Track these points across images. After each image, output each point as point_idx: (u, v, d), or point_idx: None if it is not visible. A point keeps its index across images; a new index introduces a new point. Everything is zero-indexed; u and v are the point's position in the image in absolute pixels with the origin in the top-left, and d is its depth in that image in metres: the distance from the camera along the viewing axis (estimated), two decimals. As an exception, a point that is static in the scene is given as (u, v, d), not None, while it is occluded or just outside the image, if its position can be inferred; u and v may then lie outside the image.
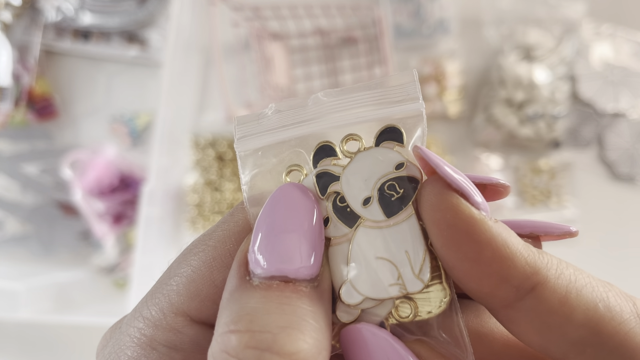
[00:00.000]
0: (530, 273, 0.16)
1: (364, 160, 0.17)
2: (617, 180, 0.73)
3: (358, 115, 0.17)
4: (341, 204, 0.17)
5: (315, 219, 0.17)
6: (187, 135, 0.76)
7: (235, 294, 0.16)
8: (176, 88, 0.71)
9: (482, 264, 0.16)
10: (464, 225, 0.16)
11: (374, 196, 0.17)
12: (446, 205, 0.16)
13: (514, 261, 0.16)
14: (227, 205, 0.74)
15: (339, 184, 0.17)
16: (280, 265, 0.16)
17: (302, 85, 0.75)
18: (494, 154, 0.73)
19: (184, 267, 0.18)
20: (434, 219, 0.16)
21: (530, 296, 0.16)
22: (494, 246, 0.16)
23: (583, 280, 0.16)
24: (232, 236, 0.18)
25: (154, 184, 0.68)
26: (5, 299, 0.71)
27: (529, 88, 0.69)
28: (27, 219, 0.75)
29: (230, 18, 0.69)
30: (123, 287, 0.74)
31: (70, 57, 0.80)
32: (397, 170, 0.17)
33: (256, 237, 0.16)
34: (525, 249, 0.16)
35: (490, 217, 0.16)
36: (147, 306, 0.18)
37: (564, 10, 0.72)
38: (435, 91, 0.73)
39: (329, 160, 0.18)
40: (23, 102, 0.75)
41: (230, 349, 0.14)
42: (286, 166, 0.18)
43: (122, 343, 0.18)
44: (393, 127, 0.17)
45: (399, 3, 0.74)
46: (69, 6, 0.75)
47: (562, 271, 0.16)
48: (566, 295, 0.15)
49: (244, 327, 0.15)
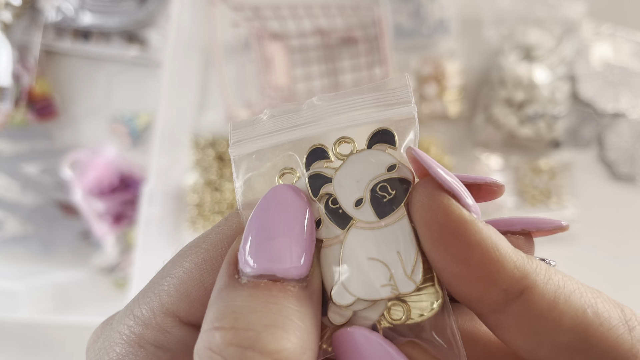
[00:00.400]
0: (519, 277, 0.16)
1: (356, 162, 0.17)
2: (617, 180, 0.73)
3: (351, 118, 0.18)
4: (333, 205, 0.17)
5: (307, 220, 0.17)
6: (187, 135, 0.76)
7: (222, 292, 0.16)
8: (176, 88, 0.71)
9: (471, 266, 0.16)
10: (454, 226, 0.16)
11: (365, 197, 0.17)
12: (437, 206, 0.16)
13: (503, 264, 0.16)
14: (227, 205, 0.74)
15: (331, 185, 0.17)
16: (270, 264, 0.16)
17: (302, 85, 0.75)
18: (494, 154, 0.73)
19: (177, 268, 0.19)
20: (425, 219, 0.16)
21: (519, 301, 0.16)
22: (484, 248, 0.16)
23: (572, 286, 0.16)
24: (225, 240, 0.19)
25: (154, 184, 0.68)
26: (5, 299, 0.71)
27: (529, 88, 0.69)
28: (27, 219, 0.75)
29: (230, 18, 0.69)
30: (123, 287, 0.74)
31: (70, 57, 0.80)
32: (389, 172, 0.17)
33: (247, 236, 0.17)
34: (514, 253, 0.16)
35: (481, 220, 0.16)
36: (138, 305, 0.19)
37: (564, 10, 0.72)
38: (435, 91, 0.73)
39: (321, 163, 0.18)
40: (23, 102, 0.75)
41: (213, 346, 0.14)
42: (279, 169, 0.18)
43: (112, 339, 0.18)
44: (385, 130, 0.17)
45: (399, 3, 0.74)
46: (69, 6, 0.75)
47: (551, 277, 0.16)
48: (555, 300, 0.15)
49: (229, 325, 0.15)
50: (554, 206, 0.72)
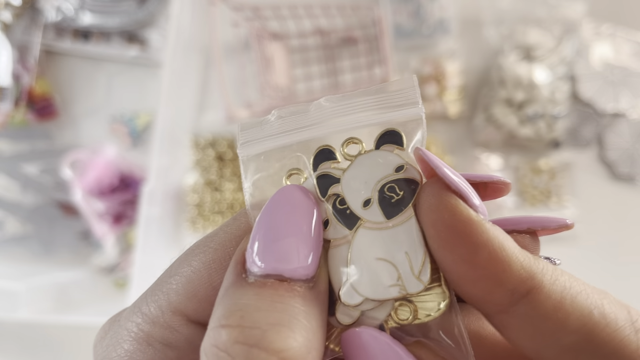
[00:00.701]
0: (526, 277, 0.16)
1: (364, 162, 0.17)
2: (617, 180, 0.73)
3: (359, 119, 0.18)
4: (341, 206, 0.17)
5: (314, 220, 0.17)
6: (187, 135, 0.76)
7: (229, 290, 0.16)
8: (176, 88, 0.71)
9: (477, 266, 0.16)
10: (461, 227, 0.16)
11: (374, 198, 0.17)
12: (444, 206, 0.16)
13: (510, 264, 0.16)
14: (227, 205, 0.74)
15: (339, 186, 0.17)
16: (277, 264, 0.16)
17: (302, 85, 0.75)
18: (494, 154, 0.73)
19: (185, 266, 0.19)
20: (432, 219, 0.16)
21: (525, 301, 0.16)
22: (490, 248, 0.16)
23: (578, 287, 0.16)
24: (234, 239, 0.19)
25: (154, 184, 0.68)
26: (5, 299, 0.71)
27: (529, 88, 0.69)
28: (27, 219, 0.75)
29: (230, 18, 0.69)
30: (123, 287, 0.74)
31: (70, 57, 0.80)
32: (397, 173, 0.17)
33: (255, 236, 0.17)
34: (521, 253, 0.16)
35: (488, 220, 0.16)
36: (146, 302, 0.19)
37: (564, 10, 0.72)
38: (435, 91, 0.73)
39: (328, 164, 0.18)
40: (23, 102, 0.75)
41: (220, 344, 0.15)
42: (287, 170, 0.18)
43: (120, 336, 0.18)
44: (393, 131, 0.18)
45: (399, 3, 0.74)
46: (69, 6, 0.75)
47: (557, 277, 0.16)
48: (561, 301, 0.15)
49: (235, 322, 0.15)
50: (554, 206, 0.72)
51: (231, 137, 0.76)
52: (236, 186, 0.75)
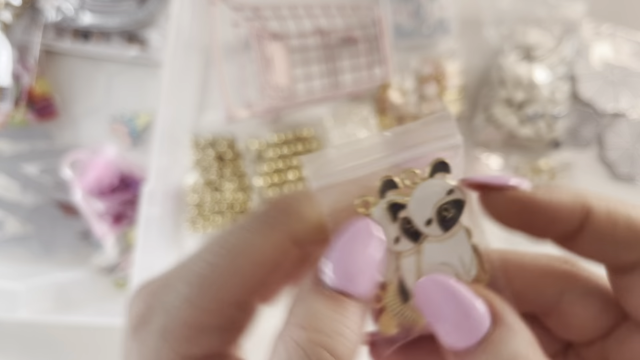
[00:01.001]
0: (581, 204, 0.21)
1: (424, 189, 0.22)
2: (617, 180, 0.73)
3: (414, 153, 0.22)
4: (408, 225, 0.22)
5: (379, 253, 0.21)
6: (187, 135, 0.76)
7: (309, 294, 0.20)
8: (176, 88, 0.71)
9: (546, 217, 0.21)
10: (520, 203, 0.21)
11: (434, 217, 0.22)
12: (505, 200, 0.21)
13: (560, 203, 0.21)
14: (227, 205, 0.74)
15: (406, 210, 0.22)
16: (346, 283, 0.20)
17: (302, 85, 0.75)
18: (494, 154, 0.73)
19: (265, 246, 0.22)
20: (497, 214, 0.22)
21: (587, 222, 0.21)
22: (545, 205, 0.21)
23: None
24: (287, 241, 0.22)
25: (154, 184, 0.68)
26: (5, 299, 0.71)
27: (529, 88, 0.69)
28: (27, 219, 0.75)
29: (230, 18, 0.69)
30: (123, 287, 0.74)
31: (70, 57, 0.80)
32: (448, 195, 0.22)
33: (332, 255, 0.20)
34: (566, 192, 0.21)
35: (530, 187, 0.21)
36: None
37: (564, 10, 0.72)
38: (435, 91, 0.73)
39: (392, 192, 0.22)
40: (23, 102, 0.75)
41: (299, 340, 0.18)
42: (359, 198, 0.22)
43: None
44: (442, 161, 0.22)
45: (399, 3, 0.74)
46: (69, 6, 0.75)
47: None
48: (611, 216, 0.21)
49: (310, 325, 0.19)
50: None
51: (231, 137, 0.76)
52: (236, 186, 0.75)
